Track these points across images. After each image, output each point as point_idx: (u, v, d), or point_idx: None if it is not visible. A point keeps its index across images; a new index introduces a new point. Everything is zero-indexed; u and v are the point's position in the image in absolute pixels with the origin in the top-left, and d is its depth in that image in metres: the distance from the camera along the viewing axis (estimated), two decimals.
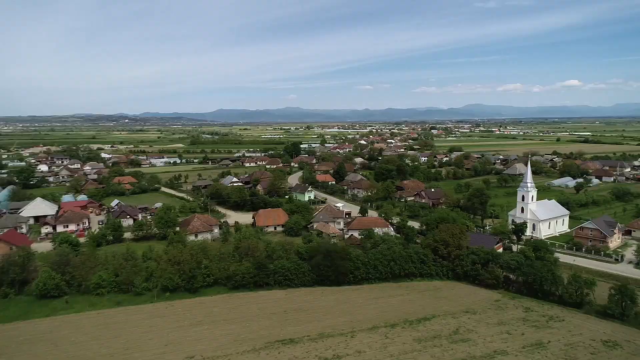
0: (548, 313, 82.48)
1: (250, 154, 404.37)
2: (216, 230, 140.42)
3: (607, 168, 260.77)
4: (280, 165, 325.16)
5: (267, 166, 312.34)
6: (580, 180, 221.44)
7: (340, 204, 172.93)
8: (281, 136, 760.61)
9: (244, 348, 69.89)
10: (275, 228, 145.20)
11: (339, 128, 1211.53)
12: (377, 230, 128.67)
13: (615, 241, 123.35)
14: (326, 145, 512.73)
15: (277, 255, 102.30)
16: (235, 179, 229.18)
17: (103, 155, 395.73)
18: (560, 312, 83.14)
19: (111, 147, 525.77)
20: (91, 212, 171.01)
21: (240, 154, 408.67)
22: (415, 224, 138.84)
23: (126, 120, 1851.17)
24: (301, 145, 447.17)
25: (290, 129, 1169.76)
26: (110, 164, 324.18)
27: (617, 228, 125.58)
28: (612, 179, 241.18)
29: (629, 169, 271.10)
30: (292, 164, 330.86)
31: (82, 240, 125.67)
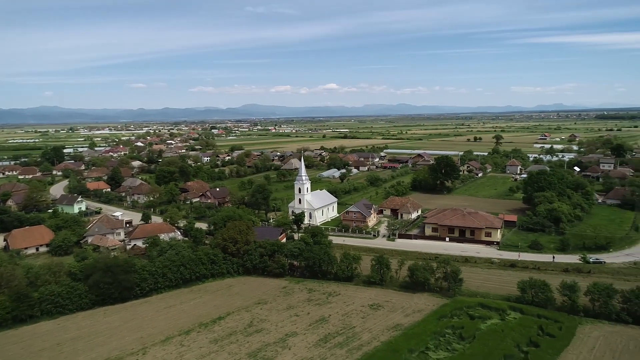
0: (327, 290, 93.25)
1: None
2: None
3: (362, 159, 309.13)
4: (39, 174, 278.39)
5: (21, 177, 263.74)
6: (344, 170, 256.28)
7: (118, 213, 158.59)
8: (37, 140, 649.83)
9: None
10: (37, 249, 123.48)
11: (110, 129, 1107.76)
12: (164, 236, 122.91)
13: (372, 220, 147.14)
14: (96, 149, 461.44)
15: (43, 280, 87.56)
16: None
17: None
18: (336, 287, 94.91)
19: None
20: None
21: None
22: (203, 225, 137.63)
23: None
24: (65, 150, 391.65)
25: (48, 131, 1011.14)
26: None
27: (372, 209, 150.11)
28: (366, 168, 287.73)
29: (377, 159, 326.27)
30: (55, 172, 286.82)
31: None
